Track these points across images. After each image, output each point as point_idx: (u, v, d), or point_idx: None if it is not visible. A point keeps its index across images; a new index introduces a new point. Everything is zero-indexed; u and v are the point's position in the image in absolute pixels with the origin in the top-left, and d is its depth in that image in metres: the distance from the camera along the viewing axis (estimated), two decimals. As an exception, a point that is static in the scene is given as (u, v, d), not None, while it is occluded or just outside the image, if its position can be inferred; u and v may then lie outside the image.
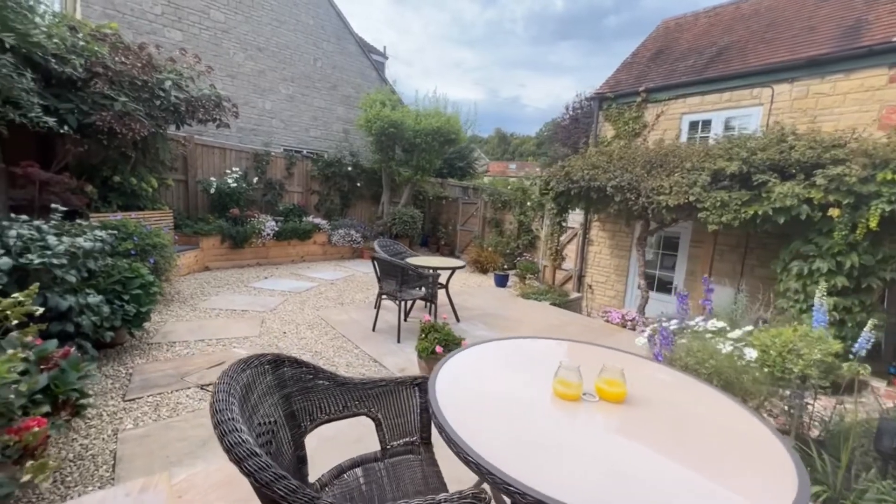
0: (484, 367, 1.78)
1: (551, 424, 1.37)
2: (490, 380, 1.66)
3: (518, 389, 1.58)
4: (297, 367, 1.47)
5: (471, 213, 11.47)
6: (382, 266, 4.71)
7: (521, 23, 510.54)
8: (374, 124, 9.33)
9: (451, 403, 1.35)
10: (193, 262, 7.30)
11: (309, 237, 9.10)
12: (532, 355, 1.97)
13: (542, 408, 1.45)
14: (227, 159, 8.88)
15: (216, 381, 1.14)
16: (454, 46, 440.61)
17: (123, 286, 3.79)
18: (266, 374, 1.35)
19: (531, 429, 1.31)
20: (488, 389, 1.57)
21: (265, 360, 1.35)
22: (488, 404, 1.45)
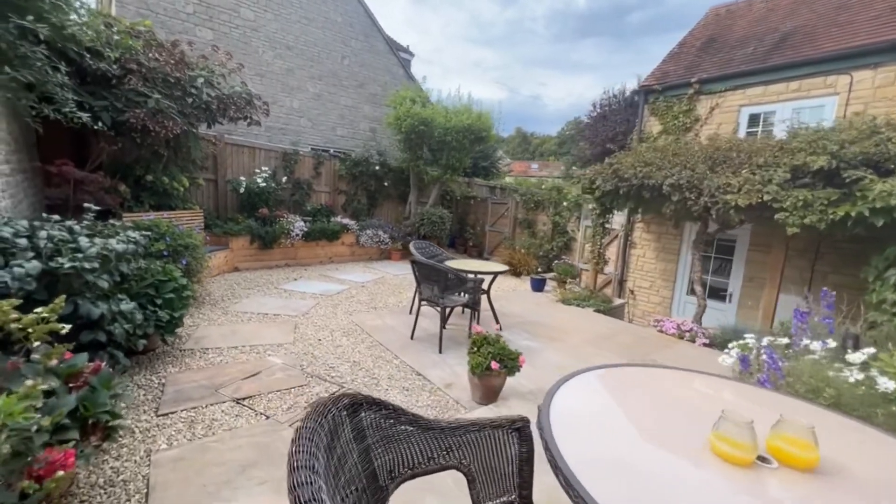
0: (600, 403, 1.42)
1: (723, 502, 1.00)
2: (616, 424, 1.30)
3: (655, 439, 1.22)
4: (377, 410, 1.15)
5: (500, 214, 11.08)
6: (422, 270, 4.39)
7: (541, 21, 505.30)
8: (404, 122, 9.06)
9: (580, 460, 1.00)
10: (223, 262, 7.18)
11: (337, 238, 8.90)
12: (651, 388, 1.59)
13: (702, 474, 1.09)
14: (256, 159, 8.77)
15: (297, 429, 0.82)
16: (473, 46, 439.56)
17: (156, 290, 3.59)
18: (344, 424, 1.03)
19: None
20: (620, 440, 1.21)
21: (342, 404, 1.03)
22: (625, 463, 1.09)
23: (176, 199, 6.87)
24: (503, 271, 4.80)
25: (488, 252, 11.50)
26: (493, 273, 4.77)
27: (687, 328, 5.39)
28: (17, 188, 4.71)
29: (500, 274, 4.76)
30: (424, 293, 4.51)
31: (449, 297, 4.34)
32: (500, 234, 11.11)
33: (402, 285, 7.31)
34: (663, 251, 7.44)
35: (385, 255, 9.92)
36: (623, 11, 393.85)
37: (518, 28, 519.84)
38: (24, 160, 5.04)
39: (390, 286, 7.17)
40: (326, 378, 3.56)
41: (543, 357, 4.29)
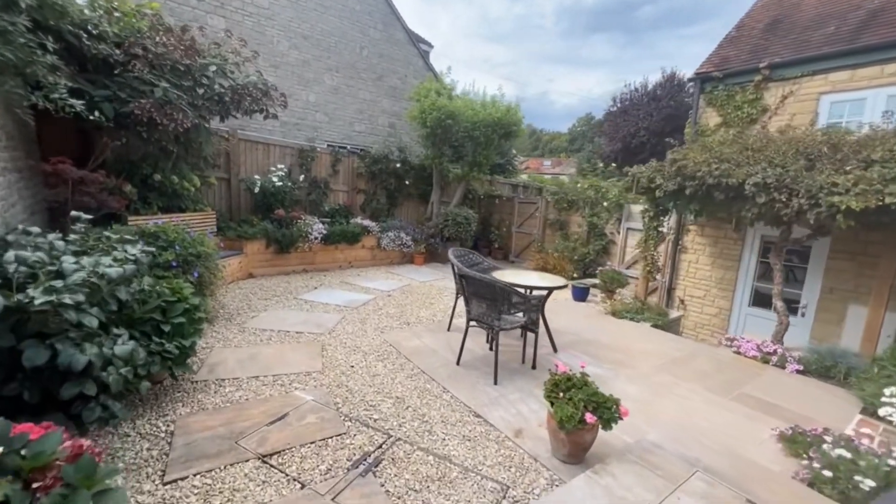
0: None
1: None
2: None
3: None
4: None
5: (529, 214, 10.38)
6: (474, 287, 3.73)
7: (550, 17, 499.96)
8: (429, 115, 8.39)
9: None
10: (237, 269, 6.59)
11: (357, 241, 8.28)
12: None
13: None
14: (270, 156, 8.18)
15: None
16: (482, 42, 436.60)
17: (164, 314, 2.98)
18: None
19: None
20: None
21: None
22: None
23: (186, 199, 6.29)
24: (561, 286, 4.11)
25: (514, 255, 10.81)
26: (549, 288, 4.09)
27: (769, 349, 4.66)
28: (8, 189, 4.14)
29: (559, 289, 4.08)
30: (473, 311, 3.85)
31: (505, 319, 3.68)
32: (528, 236, 10.41)
33: (432, 294, 6.66)
34: (720, 257, 6.69)
35: (407, 258, 9.28)
36: (633, 6, 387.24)
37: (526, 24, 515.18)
38: (19, 158, 4.47)
39: (419, 296, 6.53)
40: (368, 422, 2.92)
41: (617, 389, 3.59)
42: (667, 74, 22.97)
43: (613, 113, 25.15)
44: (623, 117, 24.07)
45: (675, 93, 22.31)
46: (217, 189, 7.50)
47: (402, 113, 11.60)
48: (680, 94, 22.23)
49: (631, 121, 23.38)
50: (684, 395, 3.61)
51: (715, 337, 6.87)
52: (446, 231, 9.50)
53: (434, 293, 6.74)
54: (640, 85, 24.33)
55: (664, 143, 21.25)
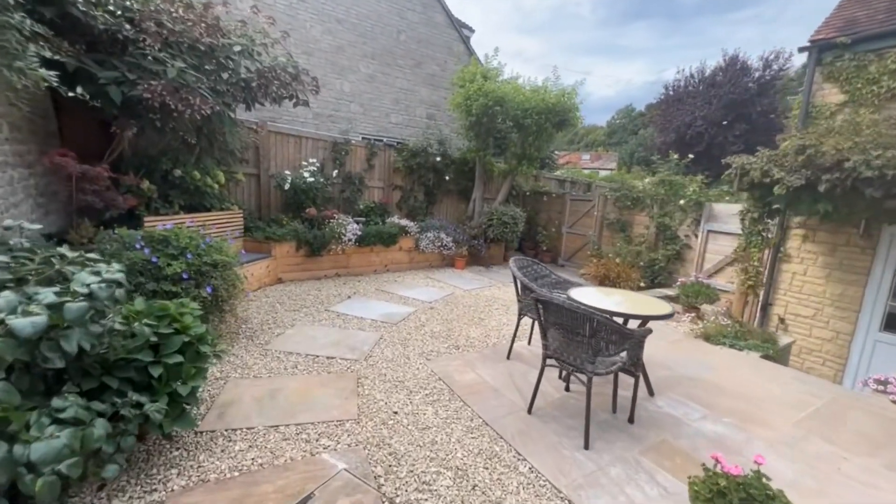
0: None
1: None
2: None
3: None
4: None
5: (583, 213, 9.26)
6: (556, 314, 2.80)
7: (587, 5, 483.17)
8: (475, 102, 7.47)
9: None
10: (265, 273, 5.97)
11: (394, 242, 7.51)
12: None
13: None
14: (302, 149, 7.54)
15: None
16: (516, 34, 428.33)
17: (155, 351, 2.25)
18: None
19: None
20: None
21: None
22: None
23: (211, 197, 5.70)
24: (666, 315, 3.09)
25: (565, 258, 9.73)
26: (652, 317, 3.09)
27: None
28: (10, 186, 3.60)
29: (663, 319, 3.07)
30: (553, 346, 2.92)
31: (601, 361, 2.73)
32: (581, 238, 9.30)
33: (480, 307, 5.77)
34: (840, 269, 5.39)
35: (448, 261, 8.44)
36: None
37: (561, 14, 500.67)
38: (26, 152, 3.94)
39: (466, 309, 5.65)
40: (422, 515, 2.08)
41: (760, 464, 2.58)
42: (728, 57, 20.89)
43: (665, 102, 23.21)
44: (677, 106, 22.13)
45: (737, 78, 20.20)
46: (246, 186, 6.92)
47: (441, 103, 10.75)
48: (743, 79, 20.12)
49: (686, 109, 21.43)
50: (865, 479, 2.54)
51: (828, 366, 5.60)
52: (490, 232, 8.57)
53: (482, 305, 5.84)
54: (697, 70, 22.28)
55: (725, 133, 19.34)
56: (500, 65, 8.15)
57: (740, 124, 19.46)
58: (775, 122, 20.23)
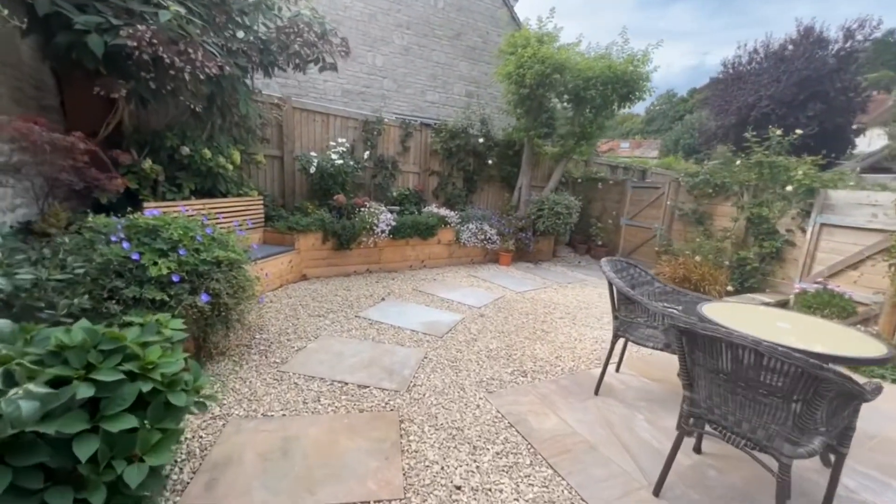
0: None
1: None
2: None
3: None
4: None
5: (646, 202, 8.00)
6: (714, 352, 1.75)
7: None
8: (529, 70, 6.36)
9: None
10: (287, 269, 5.17)
11: (432, 234, 6.57)
12: None
13: None
14: (330, 128, 6.68)
15: None
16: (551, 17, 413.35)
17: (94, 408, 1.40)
18: None
19: None
20: None
21: None
22: None
23: (226, 181, 4.93)
24: (882, 357, 1.98)
25: (623, 254, 8.51)
26: (862, 360, 1.98)
27: None
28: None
29: (879, 364, 1.96)
30: (702, 401, 1.89)
31: (803, 444, 1.67)
32: (644, 231, 8.06)
33: (539, 314, 4.76)
34: None
35: (491, 257, 7.44)
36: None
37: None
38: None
39: (523, 317, 4.65)
40: None
41: None
42: (802, 28, 18.54)
43: (722, 81, 20.93)
44: (737, 85, 19.85)
45: (811, 51, 17.87)
46: (267, 169, 6.14)
47: (482, 79, 9.66)
48: (820, 53, 17.77)
49: (749, 89, 19.16)
50: None
51: None
52: (540, 223, 7.49)
53: (542, 313, 4.82)
54: (761, 45, 19.93)
55: (796, 114, 17.16)
56: (557, 28, 6.97)
57: (815, 104, 17.21)
58: (855, 102, 17.87)
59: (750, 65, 19.55)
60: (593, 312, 5.01)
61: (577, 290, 6.01)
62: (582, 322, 4.61)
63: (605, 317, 4.86)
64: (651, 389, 3.12)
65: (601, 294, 5.87)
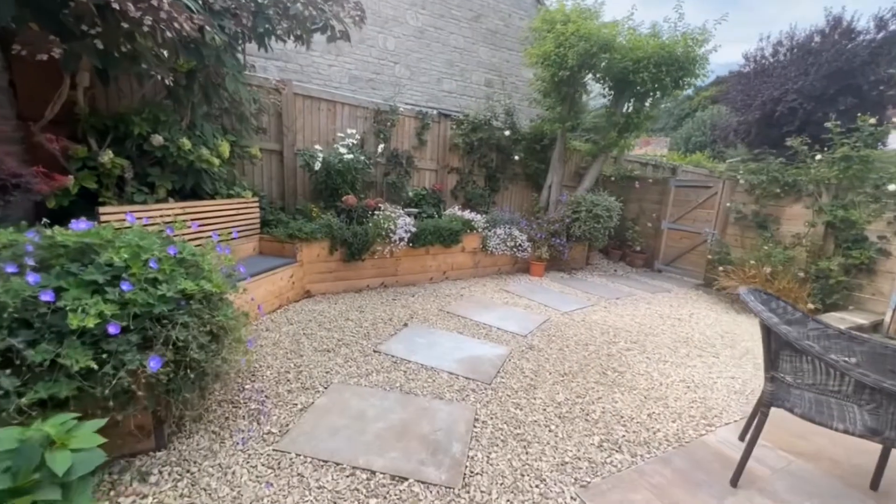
0: None
1: None
2: None
3: None
4: None
5: (693, 203, 7.07)
6: None
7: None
8: (570, 49, 5.43)
9: None
10: (287, 286, 4.26)
11: (456, 241, 5.65)
12: None
13: None
14: (337, 118, 5.76)
15: None
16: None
17: None
18: None
19: None
20: None
21: None
22: None
23: (214, 179, 4.02)
24: None
25: (664, 262, 7.58)
26: None
27: None
28: None
29: None
30: None
31: None
32: (690, 236, 7.12)
33: (599, 343, 3.83)
34: None
35: (521, 266, 6.53)
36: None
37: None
38: None
39: (581, 346, 3.73)
40: None
41: None
42: (831, 18, 17.56)
43: (745, 75, 19.94)
44: (761, 79, 18.79)
45: (841, 42, 16.90)
46: (265, 165, 5.23)
47: (503, 67, 8.74)
48: (849, 44, 16.80)
49: (773, 82, 18.09)
50: None
51: None
52: (576, 228, 6.56)
53: (602, 342, 3.90)
54: (786, 36, 18.95)
55: (825, 109, 16.14)
56: (598, 3, 6.03)
57: (845, 98, 16.27)
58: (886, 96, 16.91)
59: (774, 57, 18.57)
60: (663, 340, 4.08)
61: (630, 309, 5.08)
62: (656, 355, 3.69)
63: (679, 347, 3.94)
64: (806, 474, 2.20)
65: (662, 315, 4.95)
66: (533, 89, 7.27)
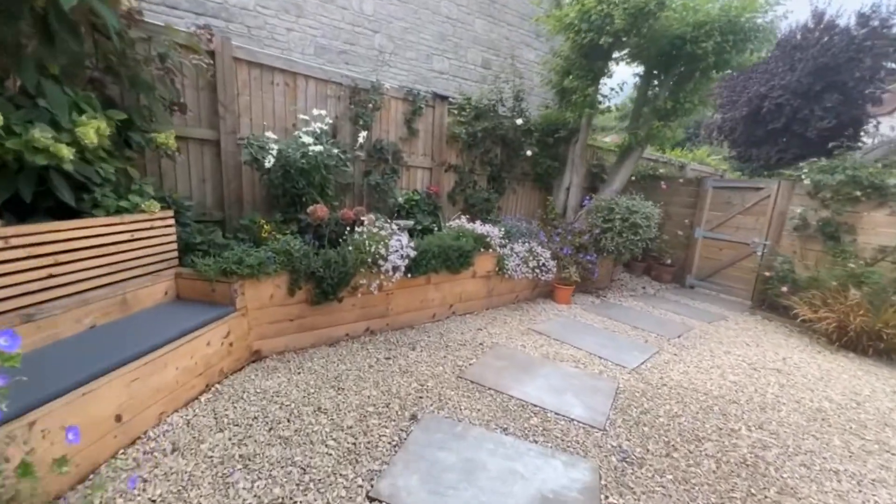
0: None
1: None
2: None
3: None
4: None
5: (738, 208, 5.93)
6: None
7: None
8: (617, 7, 4.06)
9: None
10: (221, 352, 2.66)
11: (467, 264, 4.18)
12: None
13: None
14: (299, 97, 4.15)
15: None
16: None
17: None
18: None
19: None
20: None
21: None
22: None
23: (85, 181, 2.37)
24: None
25: (698, 277, 6.43)
26: None
27: None
28: None
29: None
30: None
31: None
32: (734, 247, 5.98)
33: (707, 429, 2.48)
34: None
35: (543, 291, 5.16)
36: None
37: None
38: None
39: (687, 440, 2.36)
40: None
41: None
42: (817, 13, 17.30)
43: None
44: (747, 74, 18.51)
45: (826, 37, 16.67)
46: (195, 160, 3.58)
47: (503, 45, 7.32)
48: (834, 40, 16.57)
49: (760, 78, 17.74)
50: None
51: None
52: (608, 240, 5.25)
53: (710, 427, 2.56)
54: (771, 31, 18.64)
55: (811, 106, 15.62)
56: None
57: (831, 94, 16.04)
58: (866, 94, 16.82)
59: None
60: (793, 420, 2.79)
61: (707, 357, 3.79)
62: (810, 457, 2.38)
63: (826, 433, 2.65)
64: None
65: (753, 365, 3.69)
66: (547, 69, 5.91)
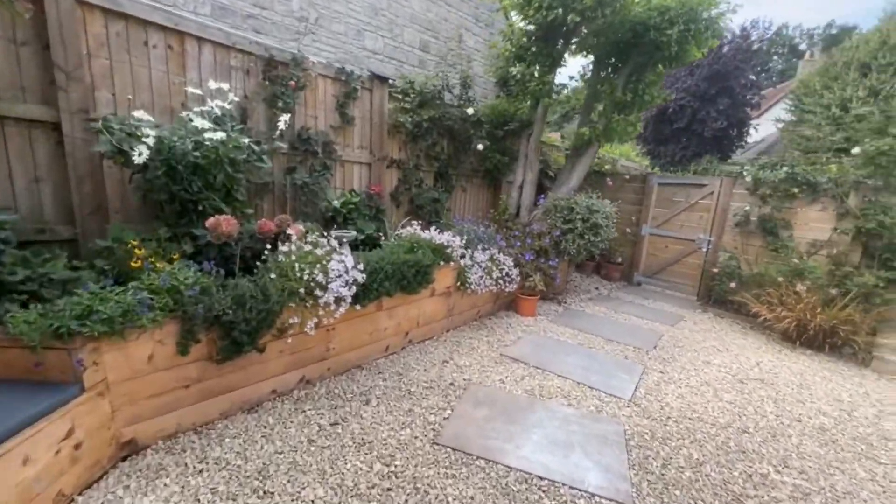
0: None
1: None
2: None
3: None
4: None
5: (683, 205, 5.96)
6: None
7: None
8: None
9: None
10: (61, 462, 1.61)
11: (426, 282, 3.44)
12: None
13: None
14: (188, 64, 3.03)
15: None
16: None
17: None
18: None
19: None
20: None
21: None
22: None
23: None
24: None
25: (645, 274, 6.42)
26: None
27: None
28: None
29: None
30: None
31: None
32: (679, 244, 6.01)
33: (734, 476, 2.08)
34: None
35: (504, 303, 4.61)
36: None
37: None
38: None
39: None
40: None
41: None
42: (711, 23, 19.25)
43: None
44: (657, 78, 20.13)
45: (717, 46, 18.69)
46: (21, 150, 2.33)
47: (442, 27, 6.60)
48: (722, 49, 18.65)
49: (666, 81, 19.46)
50: None
51: None
52: (570, 242, 4.86)
53: (737, 474, 2.16)
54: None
55: (707, 108, 17.40)
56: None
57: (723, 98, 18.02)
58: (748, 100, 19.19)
59: None
60: (809, 449, 2.54)
61: (693, 374, 3.52)
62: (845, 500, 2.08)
63: (848, 465, 2.41)
64: None
65: (739, 378, 3.48)
66: (493, 54, 5.35)
